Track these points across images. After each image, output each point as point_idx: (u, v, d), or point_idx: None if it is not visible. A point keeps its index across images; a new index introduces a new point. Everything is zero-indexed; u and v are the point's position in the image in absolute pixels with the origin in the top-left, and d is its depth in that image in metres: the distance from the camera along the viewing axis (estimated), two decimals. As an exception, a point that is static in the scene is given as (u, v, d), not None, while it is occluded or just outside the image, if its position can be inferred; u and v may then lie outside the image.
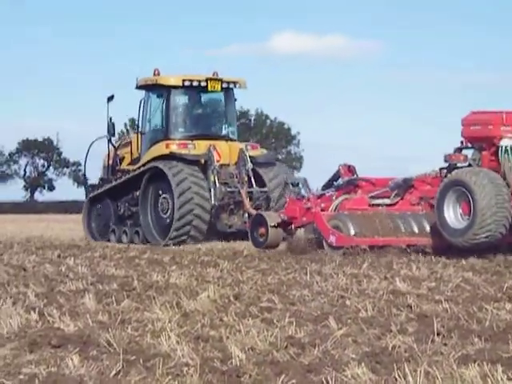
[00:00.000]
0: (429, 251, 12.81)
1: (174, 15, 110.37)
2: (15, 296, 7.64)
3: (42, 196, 78.04)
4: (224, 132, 18.94)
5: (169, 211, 17.36)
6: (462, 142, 13.38)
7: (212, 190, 17.20)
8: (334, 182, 15.10)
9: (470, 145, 13.25)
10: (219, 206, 17.23)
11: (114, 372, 4.59)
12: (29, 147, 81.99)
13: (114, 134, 19.43)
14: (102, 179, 19.65)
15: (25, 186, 78.10)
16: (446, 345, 5.27)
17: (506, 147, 12.66)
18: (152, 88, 18.62)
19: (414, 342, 5.28)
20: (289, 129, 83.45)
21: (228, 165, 17.78)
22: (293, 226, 14.27)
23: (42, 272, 10.20)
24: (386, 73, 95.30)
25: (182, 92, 18.57)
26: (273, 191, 17.15)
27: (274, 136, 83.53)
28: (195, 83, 18.22)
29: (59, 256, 13.03)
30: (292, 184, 15.50)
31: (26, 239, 18.34)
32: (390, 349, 5.14)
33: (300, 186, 15.37)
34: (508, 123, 12.85)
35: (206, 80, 18.36)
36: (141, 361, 4.82)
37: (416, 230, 13.38)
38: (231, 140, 18.53)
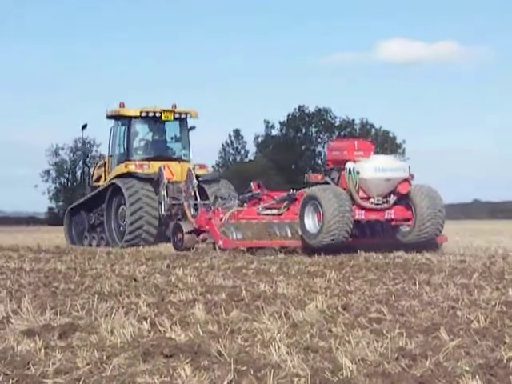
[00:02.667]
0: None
1: (276, 23, 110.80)
2: (127, 306, 7.79)
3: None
4: (177, 154, 22.75)
5: (125, 219, 21.12)
6: (327, 164, 16.84)
7: (162, 202, 20.90)
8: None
9: (332, 166, 16.56)
10: (167, 216, 20.81)
11: (225, 382, 4.62)
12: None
13: (88, 156, 24.56)
14: (79, 194, 24.00)
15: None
16: None
17: (349, 169, 15.82)
18: (117, 118, 22.56)
19: (530, 354, 5.14)
20: (394, 137, 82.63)
21: (179, 182, 21.25)
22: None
23: (152, 282, 10.37)
24: (498, 79, 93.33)
25: (140, 121, 22.43)
26: (214, 204, 19.30)
27: (379, 145, 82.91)
28: (151, 114, 22.23)
29: (168, 266, 13.23)
30: (221, 198, 18.95)
31: (136, 250, 18.71)
32: (504, 361, 5.00)
33: (226, 199, 18.77)
34: (360, 149, 16.18)
35: (160, 112, 22.33)
36: (251, 371, 4.84)
37: (289, 234, 16.63)
38: (183, 161, 22.35)
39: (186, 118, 22.79)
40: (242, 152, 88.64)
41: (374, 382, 4.54)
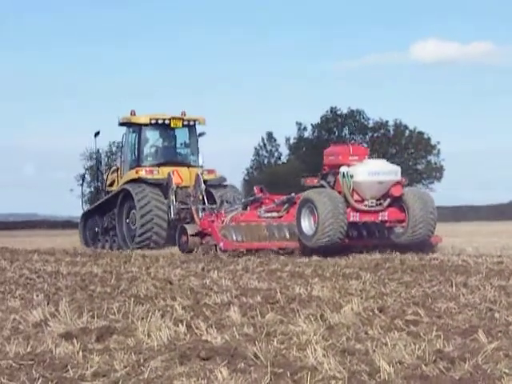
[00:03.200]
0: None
1: (310, 25, 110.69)
2: (163, 309, 7.81)
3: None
4: (186, 160, 23.41)
5: (136, 223, 21.86)
6: (324, 169, 17.27)
7: (171, 206, 21.52)
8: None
9: (328, 171, 17.02)
10: (176, 219, 21.23)
11: (262, 385, 4.62)
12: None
13: (101, 163, 24.82)
14: (93, 199, 24.71)
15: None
16: None
17: (343, 172, 16.29)
18: (129, 125, 23.30)
19: None
20: (428, 138, 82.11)
21: (188, 186, 21.93)
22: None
23: (187, 285, 10.39)
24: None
25: (150, 128, 23.08)
26: (220, 208, 19.60)
27: (413, 146, 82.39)
28: (160, 121, 22.85)
29: (203, 269, 13.26)
30: (227, 201, 19.61)
31: (171, 253, 18.77)
32: (544, 364, 4.95)
33: (231, 203, 19.49)
34: (354, 154, 16.66)
35: (170, 119, 22.97)
36: (288, 374, 4.84)
37: (288, 236, 17.18)
38: (192, 166, 22.92)
39: (194, 124, 23.45)
40: (276, 154, 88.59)
41: (411, 385, 4.51)
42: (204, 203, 20.55)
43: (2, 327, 6.90)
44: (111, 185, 24.24)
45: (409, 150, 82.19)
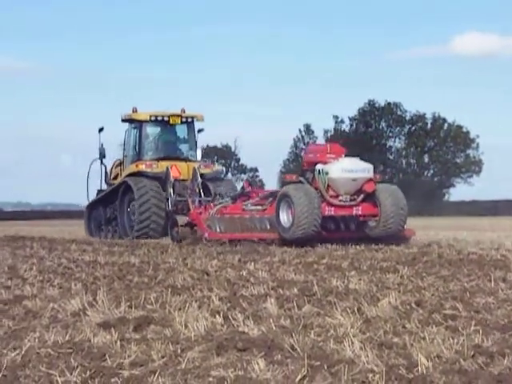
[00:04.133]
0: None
1: (349, 19, 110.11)
2: (200, 300, 7.84)
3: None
4: (185, 155, 24.61)
5: (135, 214, 23.02)
6: (303, 166, 18.78)
7: (169, 198, 22.34)
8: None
9: (307, 168, 18.31)
10: (173, 211, 21.69)
11: (299, 377, 4.61)
12: (208, 154, 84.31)
13: (105, 156, 25.31)
14: (98, 191, 25.81)
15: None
16: None
17: (319, 170, 17.62)
18: (131, 122, 24.54)
19: None
20: (467, 132, 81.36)
21: (186, 180, 22.86)
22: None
23: (224, 276, 10.42)
24: None
25: (150, 125, 24.35)
26: (213, 200, 20.52)
27: (451, 140, 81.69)
28: (159, 118, 24.11)
29: (239, 261, 13.28)
30: (219, 195, 20.83)
31: (207, 245, 18.82)
32: None
33: (223, 196, 20.49)
34: (331, 152, 17.93)
35: (169, 116, 24.19)
36: (325, 366, 4.82)
37: (268, 227, 18.28)
38: (190, 161, 24.04)
39: (192, 121, 24.69)
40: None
41: (450, 380, 4.47)
42: (200, 196, 21.37)
43: (41, 316, 6.97)
44: (115, 178, 25.28)
45: (447, 143, 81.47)
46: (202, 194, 21.58)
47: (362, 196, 17.63)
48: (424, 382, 4.45)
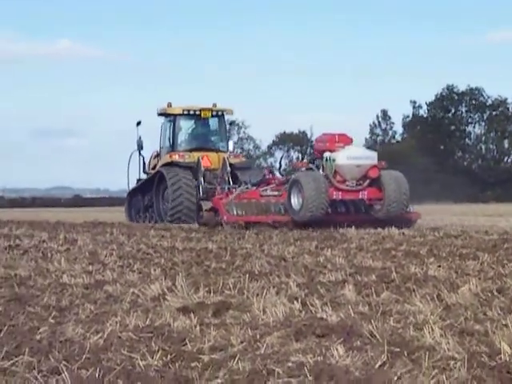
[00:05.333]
0: None
1: (427, 2, 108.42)
2: (278, 286, 7.85)
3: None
4: (216, 146, 26.60)
5: (169, 201, 24.87)
6: (314, 154, 21.06)
7: (199, 186, 23.76)
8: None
9: (317, 156, 20.22)
10: (204, 198, 22.82)
11: (379, 363, 4.58)
12: (284, 140, 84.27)
13: (143, 148, 27.34)
14: (137, 180, 27.88)
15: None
16: None
17: (326, 157, 19.50)
18: (166, 115, 26.56)
19: None
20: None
21: (216, 169, 24.48)
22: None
23: (301, 263, 10.41)
24: None
25: (183, 118, 26.39)
26: (239, 187, 21.84)
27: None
28: (191, 112, 26.19)
29: (317, 247, 13.26)
30: (245, 182, 22.10)
31: (282, 231, 18.86)
32: None
33: (248, 184, 21.72)
34: (339, 141, 19.63)
35: (200, 110, 26.23)
36: (405, 353, 4.78)
37: (283, 211, 20.02)
38: (221, 151, 25.98)
39: (223, 114, 26.74)
40: (390, 133, 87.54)
41: (534, 368, 4.39)
42: (229, 184, 22.70)
43: (122, 300, 7.07)
44: (154, 168, 26.92)
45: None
46: (231, 182, 22.97)
47: (367, 181, 19.38)
48: (507, 369, 4.37)
